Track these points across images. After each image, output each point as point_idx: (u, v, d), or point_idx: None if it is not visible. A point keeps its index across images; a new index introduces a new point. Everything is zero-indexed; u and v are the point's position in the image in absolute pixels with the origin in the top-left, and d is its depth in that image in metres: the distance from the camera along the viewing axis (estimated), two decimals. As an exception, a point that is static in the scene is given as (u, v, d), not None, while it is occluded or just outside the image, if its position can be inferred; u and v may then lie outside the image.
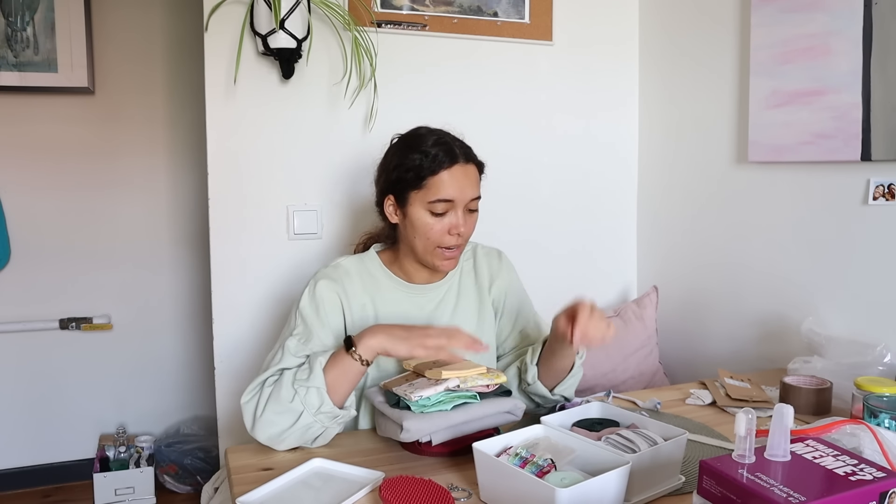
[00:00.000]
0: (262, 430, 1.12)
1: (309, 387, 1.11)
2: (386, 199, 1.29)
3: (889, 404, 1.06)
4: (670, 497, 0.98)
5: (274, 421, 1.11)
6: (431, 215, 1.23)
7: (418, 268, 1.33)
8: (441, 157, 1.22)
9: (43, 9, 2.32)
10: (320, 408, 1.11)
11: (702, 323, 1.97)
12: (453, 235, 1.24)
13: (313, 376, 1.11)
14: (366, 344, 1.12)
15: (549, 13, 2.01)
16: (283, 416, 1.11)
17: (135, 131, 2.56)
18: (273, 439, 1.13)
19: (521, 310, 1.42)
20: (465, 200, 1.24)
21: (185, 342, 2.70)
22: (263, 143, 1.78)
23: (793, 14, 1.59)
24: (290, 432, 1.12)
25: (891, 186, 1.42)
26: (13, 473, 2.54)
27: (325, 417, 1.11)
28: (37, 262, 2.49)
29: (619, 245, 2.22)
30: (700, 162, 1.95)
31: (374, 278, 1.33)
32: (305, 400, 1.10)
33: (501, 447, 0.98)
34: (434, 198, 1.22)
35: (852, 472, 0.72)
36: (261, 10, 1.61)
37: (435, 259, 1.27)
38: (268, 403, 1.12)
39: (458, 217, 1.24)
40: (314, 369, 1.12)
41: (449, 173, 1.22)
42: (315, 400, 1.11)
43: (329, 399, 1.11)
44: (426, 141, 1.24)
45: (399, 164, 1.25)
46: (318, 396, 1.11)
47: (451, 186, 1.22)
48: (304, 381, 1.12)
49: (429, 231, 1.24)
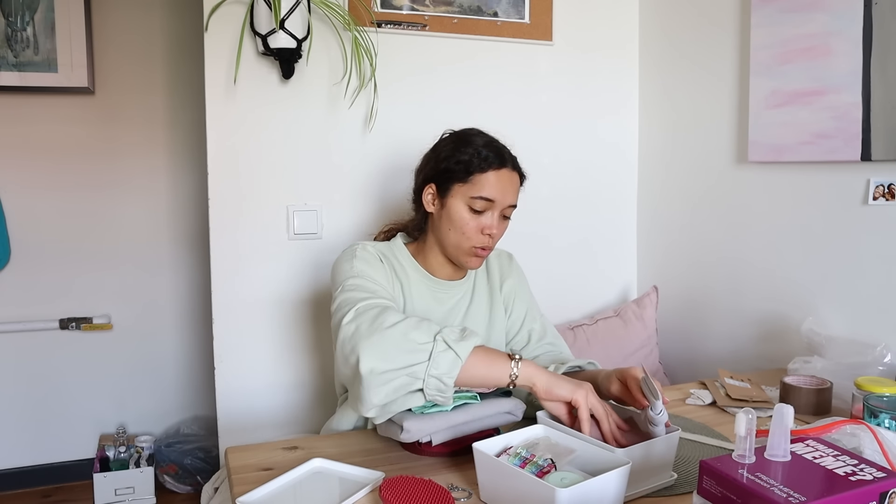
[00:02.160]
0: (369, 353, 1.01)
1: (450, 348, 1.02)
2: (427, 186, 1.33)
3: (889, 404, 1.06)
4: (670, 497, 0.98)
5: (389, 354, 1.01)
6: (470, 211, 1.27)
7: (443, 263, 1.36)
8: (492, 158, 1.26)
9: (43, 9, 2.32)
10: (443, 374, 1.01)
11: (702, 323, 1.97)
12: (485, 236, 1.28)
13: (462, 344, 1.03)
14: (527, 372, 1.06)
15: (549, 13, 2.01)
16: (404, 352, 1.01)
17: (135, 131, 2.56)
18: (373, 374, 1.00)
19: (529, 310, 1.45)
20: (503, 204, 1.28)
21: (185, 342, 2.70)
22: (263, 143, 1.79)
23: (793, 14, 1.59)
24: (394, 376, 1.01)
25: (891, 186, 1.42)
26: (13, 473, 2.54)
27: (433, 383, 1.01)
28: (37, 262, 2.49)
29: (619, 245, 2.22)
30: (700, 162, 1.95)
31: (402, 266, 1.36)
32: (437, 355, 1.01)
33: (501, 447, 0.98)
34: (477, 194, 1.26)
35: (852, 473, 0.72)
36: (261, 10, 1.61)
37: (464, 256, 1.30)
38: (394, 333, 1.03)
39: (494, 219, 1.28)
40: (468, 339, 1.04)
41: (496, 175, 1.26)
42: (445, 363, 1.01)
43: (457, 373, 1.02)
44: (480, 140, 1.29)
45: (449, 155, 1.29)
46: (450, 362, 1.02)
47: (495, 187, 1.26)
48: (451, 340, 1.03)
49: (464, 226, 1.27)
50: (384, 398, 1.03)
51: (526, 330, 1.43)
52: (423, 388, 1.02)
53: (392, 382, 1.02)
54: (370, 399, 1.02)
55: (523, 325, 1.43)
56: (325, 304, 1.87)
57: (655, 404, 0.99)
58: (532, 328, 1.43)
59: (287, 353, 1.85)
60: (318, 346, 1.87)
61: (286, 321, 1.84)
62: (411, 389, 1.03)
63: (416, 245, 1.40)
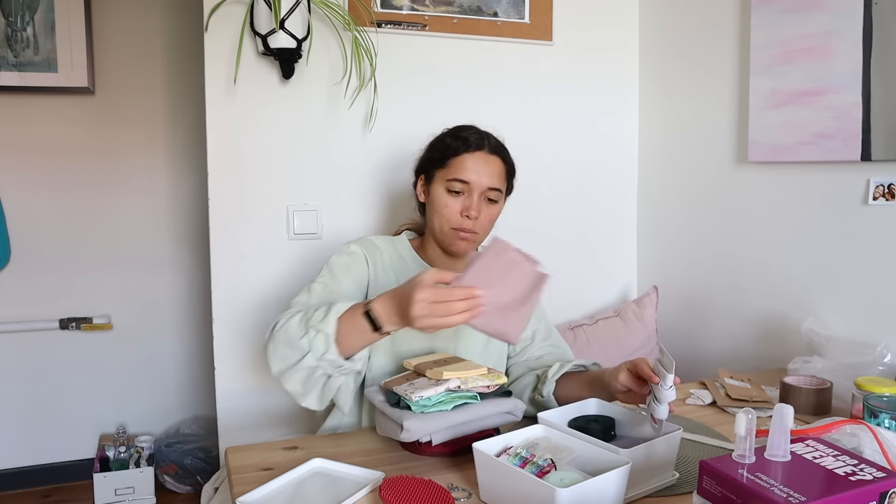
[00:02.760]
0: (272, 362, 1.13)
1: (319, 330, 1.08)
2: (418, 179, 1.41)
3: (889, 404, 1.06)
4: (669, 497, 0.98)
5: (283, 355, 1.11)
6: (448, 193, 1.32)
7: (440, 253, 1.40)
8: (469, 142, 1.33)
9: (43, 9, 2.32)
10: (324, 354, 1.08)
11: (702, 322, 1.97)
12: (464, 218, 1.31)
13: (326, 321, 1.09)
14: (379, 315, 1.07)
15: (549, 13, 2.01)
16: (291, 351, 1.10)
17: (135, 131, 2.56)
18: (281, 374, 1.12)
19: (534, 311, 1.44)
20: (481, 186, 1.31)
21: (185, 342, 2.70)
22: (263, 143, 1.78)
23: (793, 14, 1.59)
24: (296, 370, 1.10)
25: (891, 186, 1.42)
26: (13, 473, 2.54)
27: (327, 365, 1.09)
28: (37, 262, 2.49)
29: (619, 245, 2.22)
30: (700, 162, 1.95)
31: (402, 259, 1.40)
32: (313, 342, 1.08)
33: (501, 447, 0.98)
34: (453, 176, 1.31)
35: (852, 472, 0.72)
36: (261, 10, 1.61)
37: (449, 239, 1.34)
38: (283, 331, 1.12)
39: (473, 200, 1.31)
40: (329, 315, 1.09)
41: (472, 157, 1.32)
42: (321, 345, 1.08)
43: (335, 348, 1.08)
44: (463, 130, 1.37)
45: (433, 145, 1.40)
46: (324, 342, 1.08)
47: (470, 169, 1.31)
48: (317, 323, 1.09)
49: (443, 209, 1.32)
50: (300, 389, 1.12)
51: (530, 329, 1.44)
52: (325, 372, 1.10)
53: (297, 376, 1.11)
54: (289, 389, 1.13)
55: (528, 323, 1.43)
56: (325, 304, 1.87)
57: (667, 377, 0.98)
58: (537, 328, 1.44)
59: (287, 353, 1.85)
60: (318, 346, 1.87)
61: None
62: (317, 376, 1.10)
63: (420, 240, 1.46)
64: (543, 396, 1.26)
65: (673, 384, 0.98)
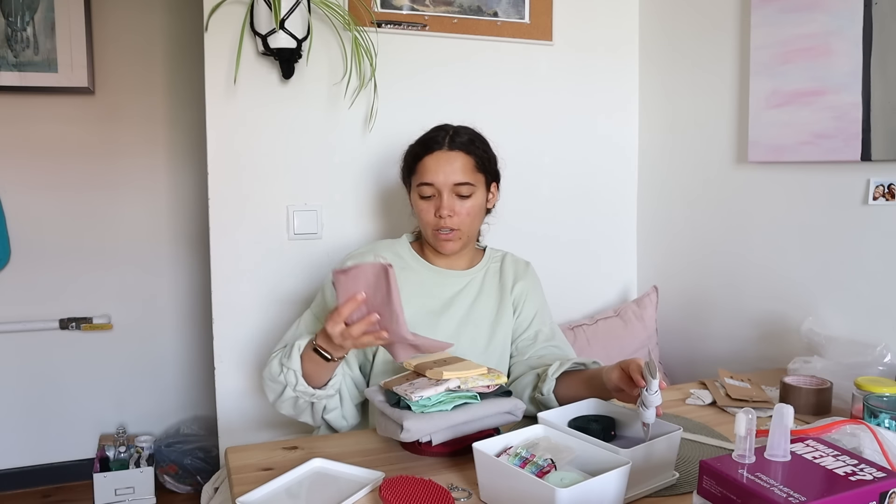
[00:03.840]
0: (267, 393, 1.27)
1: (289, 368, 1.20)
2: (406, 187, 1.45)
3: (889, 404, 1.06)
4: (669, 497, 0.98)
5: (271, 388, 1.25)
6: (420, 198, 1.36)
7: (436, 253, 1.43)
8: (428, 144, 1.36)
9: (43, 9, 2.32)
10: (296, 386, 1.20)
11: (702, 323, 1.97)
12: (438, 217, 1.33)
13: (291, 359, 1.19)
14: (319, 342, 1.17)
15: (549, 13, 2.01)
16: (275, 383, 1.23)
17: (135, 131, 2.56)
18: (275, 402, 1.27)
19: (539, 313, 1.47)
20: (447, 185, 1.33)
21: (185, 342, 2.70)
22: (263, 143, 1.78)
23: (793, 14, 1.59)
24: (282, 401, 1.25)
25: (891, 186, 1.42)
26: (13, 473, 2.54)
27: (303, 395, 1.21)
28: (37, 262, 2.49)
29: (619, 245, 2.22)
30: (700, 162, 1.95)
31: (403, 259, 1.43)
32: (287, 377, 1.20)
33: (501, 447, 0.98)
34: (419, 181, 1.36)
35: (852, 472, 0.72)
36: (261, 10, 1.61)
37: (434, 241, 1.38)
38: (267, 372, 1.26)
39: (443, 200, 1.33)
40: (293, 353, 1.20)
41: (432, 158, 1.35)
42: (293, 379, 1.20)
43: (303, 382, 1.19)
44: (428, 133, 1.40)
45: (405, 154, 1.43)
46: (294, 377, 1.19)
47: (431, 171, 1.34)
48: (286, 361, 1.20)
49: (421, 213, 1.37)
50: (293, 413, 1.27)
51: (533, 330, 1.44)
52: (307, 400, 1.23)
53: (285, 405, 1.25)
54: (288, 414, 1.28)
55: (531, 325, 1.45)
56: (325, 304, 1.87)
57: (652, 383, 0.99)
58: (540, 329, 1.45)
59: (287, 353, 1.85)
60: (318, 346, 1.87)
61: (286, 321, 1.84)
62: (300, 403, 1.24)
63: (419, 242, 1.49)
64: (543, 395, 1.26)
65: (658, 389, 1.00)
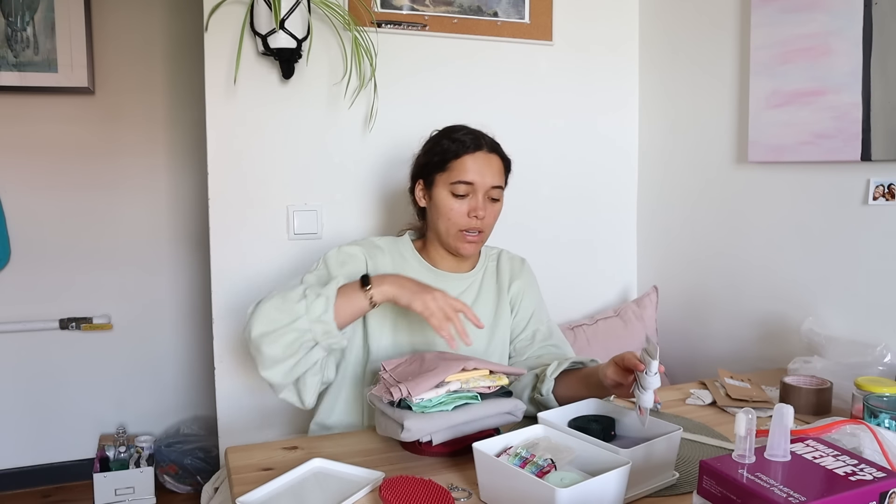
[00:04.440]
0: (256, 323, 1.15)
1: (319, 294, 1.15)
2: (416, 183, 1.41)
3: (889, 404, 1.06)
4: (669, 497, 0.98)
5: (272, 317, 1.15)
6: (453, 197, 1.32)
7: (444, 255, 1.41)
8: (467, 143, 1.33)
9: (43, 9, 2.32)
10: (321, 316, 1.14)
11: (702, 323, 1.97)
12: (472, 218, 1.32)
13: (327, 288, 1.17)
14: (379, 286, 1.19)
15: (549, 13, 2.01)
16: (283, 313, 1.14)
17: (135, 131, 2.56)
18: (263, 336, 1.14)
19: (536, 312, 1.47)
20: (485, 186, 1.32)
21: (185, 342, 2.70)
22: (263, 143, 1.78)
23: (793, 14, 1.59)
24: (283, 332, 1.13)
25: (891, 186, 1.42)
26: (13, 473, 2.54)
27: (319, 328, 1.14)
28: (37, 262, 2.49)
29: (619, 245, 2.22)
30: (700, 162, 1.95)
31: (405, 259, 1.41)
32: (311, 304, 1.14)
33: (501, 447, 0.98)
34: (456, 179, 1.32)
35: (852, 472, 0.72)
36: (261, 10, 1.61)
37: (457, 242, 1.35)
38: (272, 300, 1.17)
39: (479, 201, 1.32)
40: (329, 284, 1.18)
41: (472, 158, 1.32)
42: (319, 307, 1.14)
43: (332, 311, 1.15)
44: (457, 131, 1.37)
45: (429, 149, 1.39)
46: (324, 304, 1.15)
47: (472, 170, 1.32)
48: (316, 289, 1.17)
49: (450, 212, 1.33)
50: (280, 353, 1.14)
51: (531, 329, 1.44)
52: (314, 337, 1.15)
53: (282, 339, 1.14)
54: (266, 353, 1.14)
55: (529, 324, 1.45)
56: (325, 304, 1.87)
57: (651, 363, 0.98)
58: (538, 328, 1.45)
59: (287, 353, 1.85)
60: (318, 346, 1.87)
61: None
62: (303, 342, 1.15)
63: (422, 241, 1.46)
64: (543, 395, 1.26)
65: (657, 371, 0.99)
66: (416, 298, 1.18)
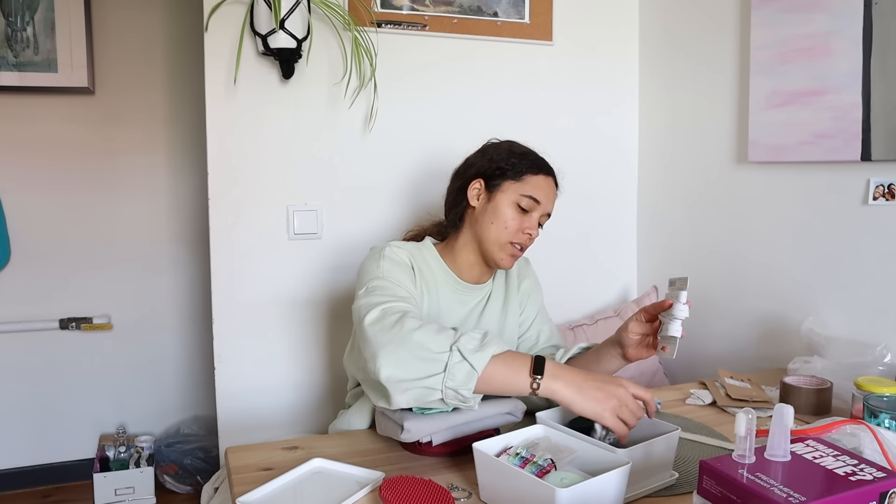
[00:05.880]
0: (388, 365, 1.02)
1: (465, 360, 1.01)
2: (475, 181, 1.36)
3: (889, 404, 1.06)
4: (669, 497, 0.98)
5: (410, 365, 1.02)
6: (516, 208, 1.32)
7: (472, 263, 1.38)
8: (545, 166, 1.36)
9: (43, 9, 2.32)
10: (459, 387, 1.01)
11: (702, 322, 1.97)
12: (525, 235, 1.33)
13: (478, 355, 1.02)
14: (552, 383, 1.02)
15: (549, 13, 2.01)
16: (423, 364, 1.01)
17: (135, 131, 2.56)
18: (393, 382, 1.02)
19: (540, 312, 1.49)
20: (546, 209, 1.35)
21: (185, 342, 2.70)
22: (263, 143, 1.78)
23: (793, 14, 1.59)
24: (417, 386, 1.01)
25: (891, 186, 1.42)
26: (13, 473, 2.54)
27: (451, 394, 1.02)
28: (37, 262, 2.49)
29: (619, 245, 2.22)
30: (700, 162, 1.95)
31: (430, 267, 1.37)
32: (454, 368, 1.01)
33: (501, 447, 0.98)
34: (528, 193, 1.32)
35: (852, 472, 0.72)
36: (261, 10, 1.61)
37: (502, 253, 1.33)
38: (413, 339, 1.03)
39: (534, 221, 1.34)
40: (485, 349, 1.03)
41: (545, 180, 1.35)
42: (461, 376, 1.01)
43: (474, 384, 1.02)
44: (532, 151, 1.38)
45: (504, 156, 1.35)
46: (466, 376, 1.01)
47: (543, 191, 1.34)
48: (468, 351, 1.02)
49: (508, 221, 1.32)
50: (407, 403, 1.05)
51: (535, 330, 1.46)
52: (443, 398, 1.03)
53: (410, 391, 1.02)
54: (397, 401, 1.04)
55: (533, 324, 1.46)
56: (324, 303, 1.87)
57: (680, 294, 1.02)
58: (541, 329, 1.47)
59: (287, 352, 1.85)
60: (318, 346, 1.87)
61: (286, 321, 1.84)
62: (431, 399, 1.03)
63: (443, 246, 1.42)
64: None
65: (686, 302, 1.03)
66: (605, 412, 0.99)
